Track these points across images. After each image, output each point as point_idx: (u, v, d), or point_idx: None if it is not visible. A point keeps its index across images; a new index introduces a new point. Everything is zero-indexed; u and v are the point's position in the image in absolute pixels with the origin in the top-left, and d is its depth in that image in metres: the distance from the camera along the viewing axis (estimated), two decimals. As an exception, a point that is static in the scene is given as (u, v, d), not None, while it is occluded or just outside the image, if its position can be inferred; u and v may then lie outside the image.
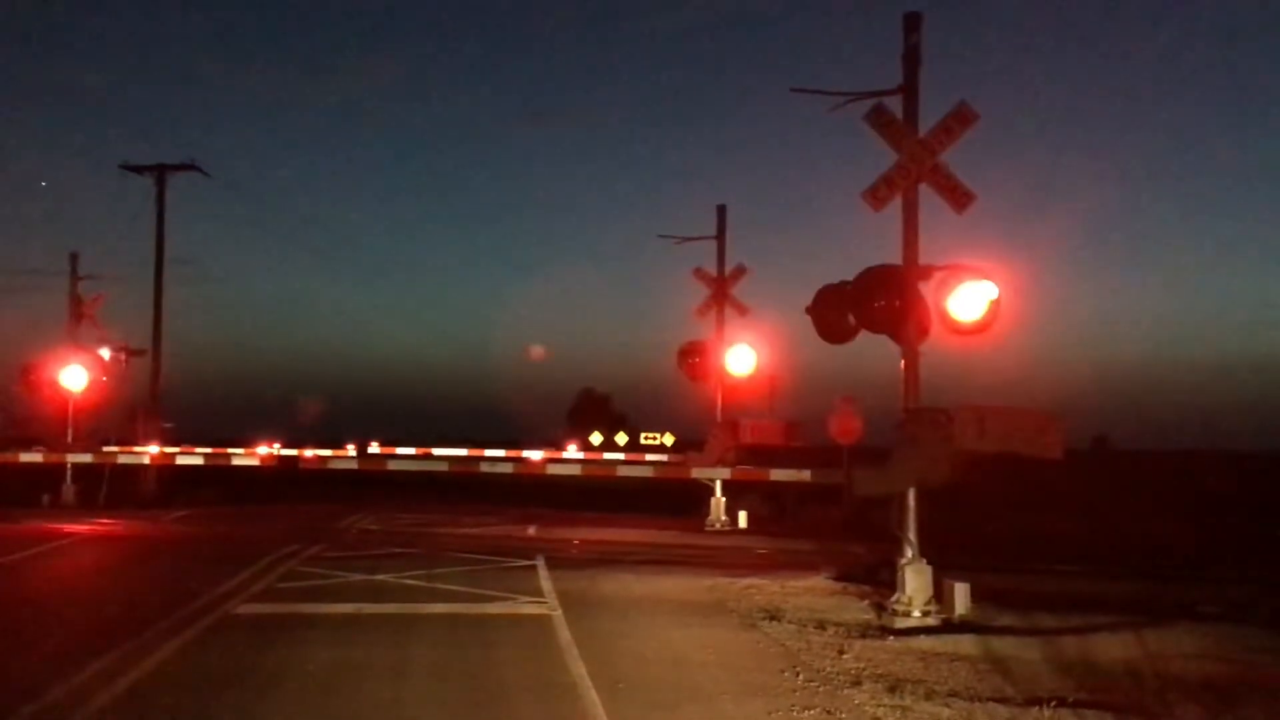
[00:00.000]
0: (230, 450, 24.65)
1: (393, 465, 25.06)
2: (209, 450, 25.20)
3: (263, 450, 26.08)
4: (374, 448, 33.00)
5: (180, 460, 24.52)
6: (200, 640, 11.18)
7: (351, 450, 30.98)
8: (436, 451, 31.33)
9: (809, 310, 14.42)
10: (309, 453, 25.52)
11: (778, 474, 21.36)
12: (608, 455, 35.98)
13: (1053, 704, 8.74)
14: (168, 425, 34.52)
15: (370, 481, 31.51)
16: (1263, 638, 12.06)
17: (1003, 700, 9.06)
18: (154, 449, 27.57)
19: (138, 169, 36.08)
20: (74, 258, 31.02)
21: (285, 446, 28.89)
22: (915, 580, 13.00)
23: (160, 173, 36.03)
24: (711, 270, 26.58)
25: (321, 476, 28.85)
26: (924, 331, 13.33)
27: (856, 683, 9.74)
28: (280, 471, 25.30)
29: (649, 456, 34.52)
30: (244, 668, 9.94)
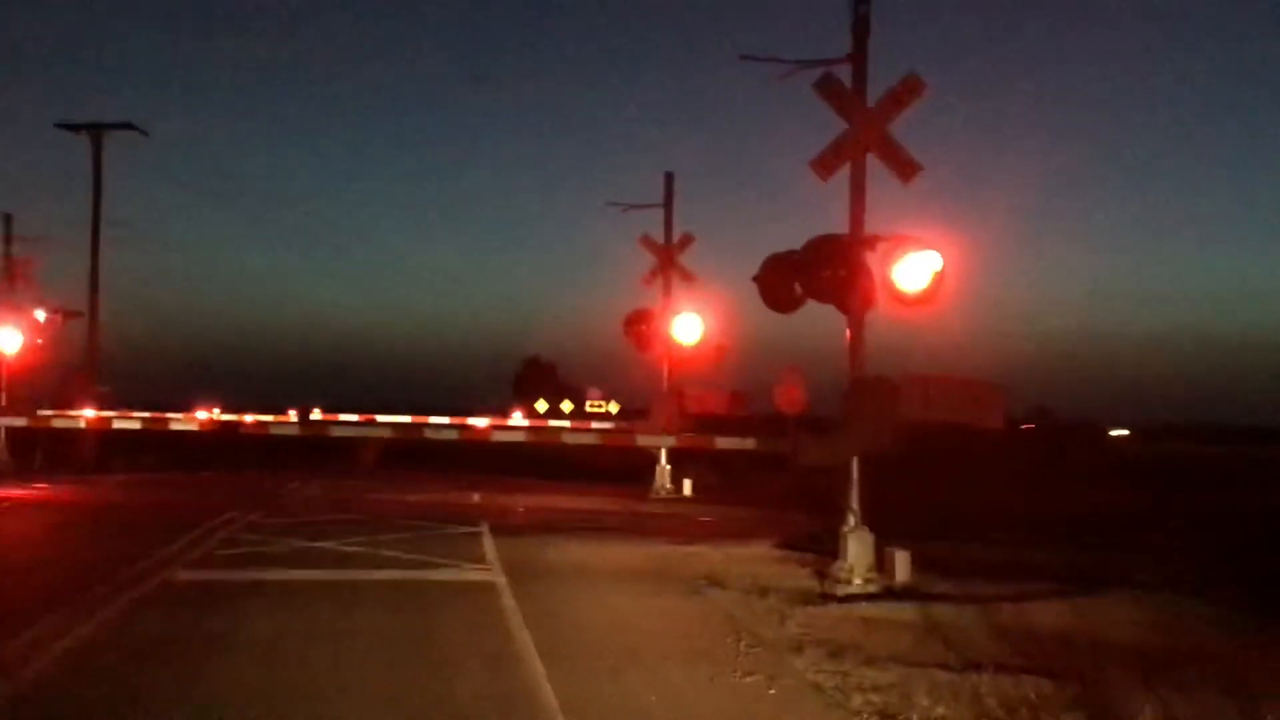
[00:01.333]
0: (169, 415, 24.25)
1: (335, 431, 24.77)
2: (147, 415, 24.77)
3: (202, 415, 25.69)
4: (316, 414, 32.65)
5: (117, 425, 24.08)
6: (137, 607, 11.00)
7: (293, 416, 30.64)
8: (380, 418, 31.07)
9: (756, 279, 14.42)
10: (249, 418, 25.17)
11: (722, 442, 21.42)
12: (553, 423, 35.92)
13: (990, 669, 8.85)
14: (104, 389, 33.92)
15: (313, 448, 31.24)
16: (1196, 606, 12.30)
17: (942, 666, 9.16)
18: (89, 413, 27.05)
19: (74, 127, 35.27)
20: (8, 219, 30.46)
21: (225, 411, 28.49)
22: (857, 548, 13.11)
23: (97, 132, 35.23)
24: (659, 238, 26.57)
25: (264, 443, 28.55)
26: (870, 301, 13.38)
27: (798, 649, 9.81)
28: (221, 437, 24.98)
29: (595, 424, 34.50)
30: (182, 635, 9.80)
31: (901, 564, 13.28)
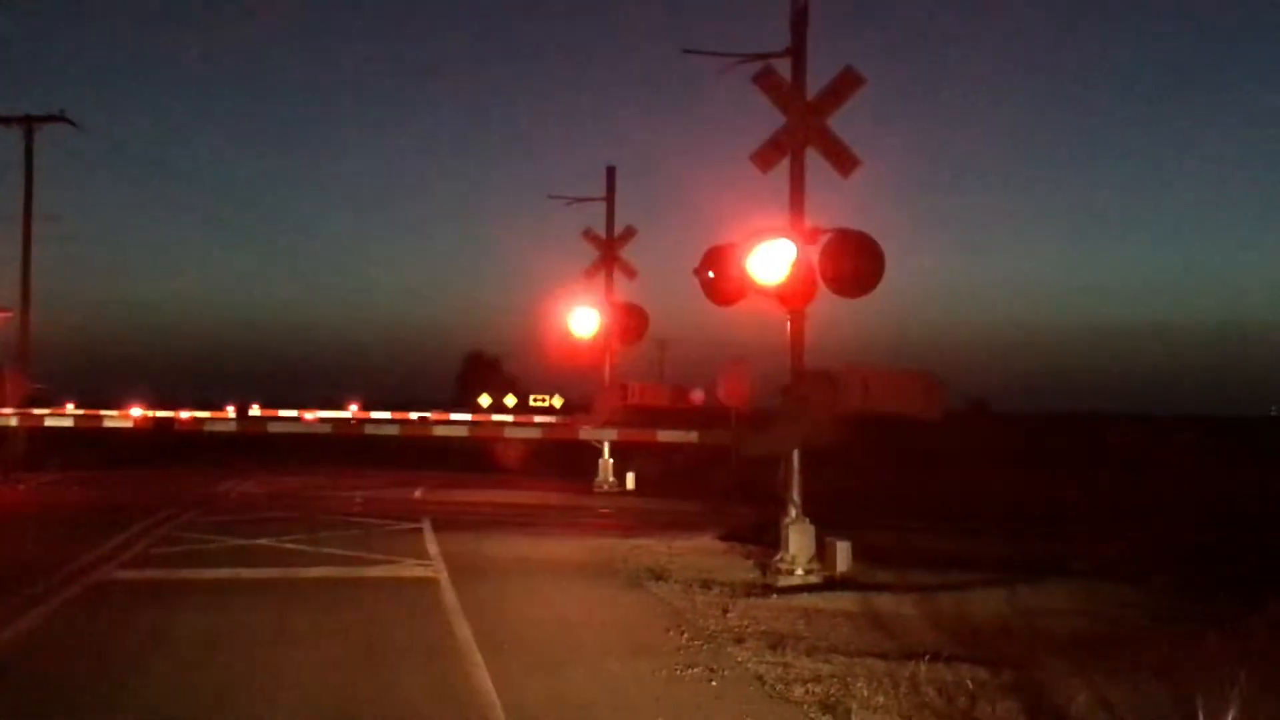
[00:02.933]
0: (102, 412, 23.79)
1: (274, 428, 24.44)
2: (80, 412, 24.30)
3: (136, 412, 25.22)
4: (255, 410, 32.23)
5: (49, 422, 23.59)
6: (70, 607, 10.81)
7: (231, 412, 30.22)
8: (320, 414, 30.74)
9: (696, 272, 14.45)
10: (185, 414, 24.78)
11: (665, 435, 21.45)
12: (496, 417, 35.76)
13: (928, 658, 8.94)
14: (39, 386, 33.24)
15: (252, 445, 30.88)
16: (1129, 593, 12.51)
17: (881, 655, 9.25)
18: (20, 410, 26.44)
19: (3, 120, 34.54)
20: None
21: (162, 407, 28.01)
22: (798, 539, 13.18)
23: (28, 124, 34.51)
24: (601, 232, 26.52)
25: (202, 440, 28.17)
26: (810, 294, 13.45)
27: (740, 640, 9.85)
28: (157, 434, 24.59)
29: (538, 418, 34.40)
30: (116, 635, 9.64)
31: (842, 555, 13.37)
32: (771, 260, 12.89)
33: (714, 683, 8.48)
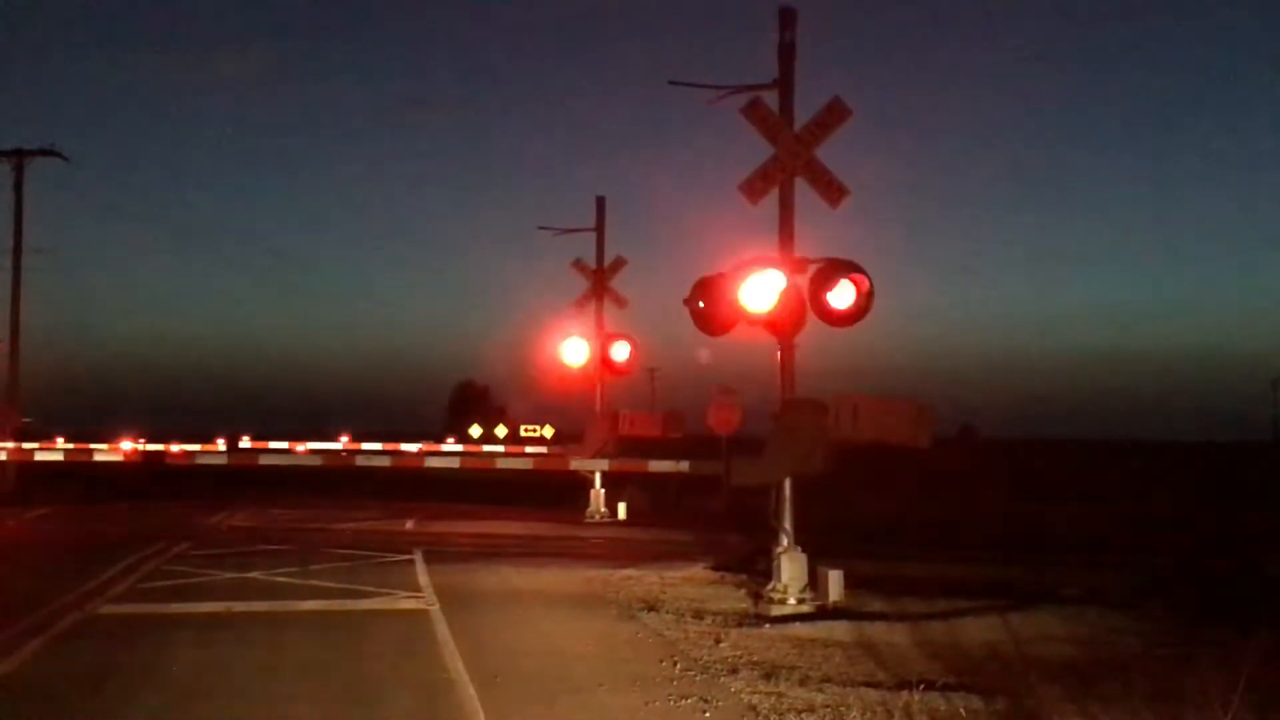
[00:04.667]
0: (92, 445, 23.72)
1: (265, 460, 24.39)
2: (70, 445, 24.22)
3: (126, 445, 25.15)
4: (245, 442, 32.14)
5: (39, 456, 23.51)
6: (59, 643, 10.75)
7: (221, 445, 30.13)
8: (311, 445, 30.66)
9: (687, 302, 14.48)
10: (175, 447, 24.72)
11: (656, 465, 21.46)
12: (487, 448, 35.73)
13: (921, 687, 8.94)
14: (27, 420, 33.15)
15: (243, 477, 30.76)
16: (1121, 619, 12.52)
17: (874, 685, 9.24)
18: (10, 444, 26.37)
19: (-7, 153, 34.57)
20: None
21: (152, 440, 27.92)
22: (790, 568, 13.17)
23: (18, 158, 34.59)
24: (591, 262, 26.56)
25: (191, 472, 28.06)
26: (799, 323, 13.49)
27: (733, 671, 9.83)
28: (146, 467, 24.48)
29: (528, 449, 34.37)
30: (105, 671, 9.58)
31: (834, 583, 13.36)
32: (761, 290, 12.94)
33: (708, 714, 8.46)
